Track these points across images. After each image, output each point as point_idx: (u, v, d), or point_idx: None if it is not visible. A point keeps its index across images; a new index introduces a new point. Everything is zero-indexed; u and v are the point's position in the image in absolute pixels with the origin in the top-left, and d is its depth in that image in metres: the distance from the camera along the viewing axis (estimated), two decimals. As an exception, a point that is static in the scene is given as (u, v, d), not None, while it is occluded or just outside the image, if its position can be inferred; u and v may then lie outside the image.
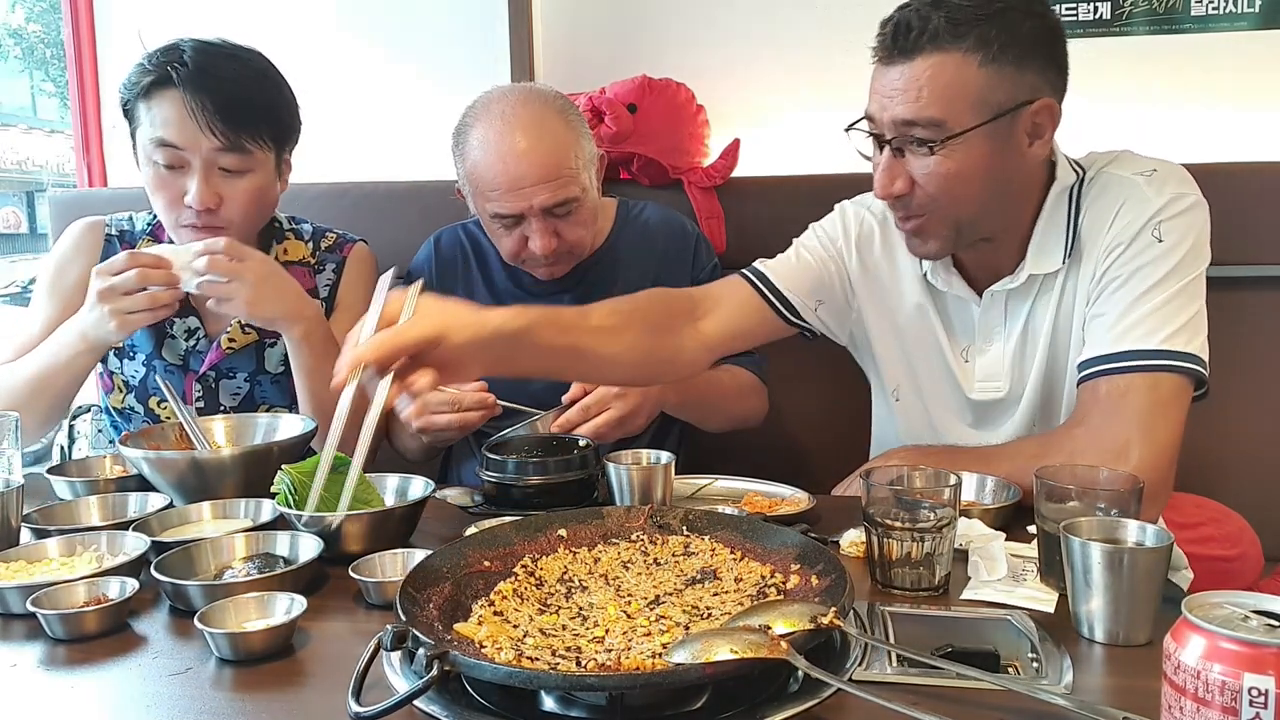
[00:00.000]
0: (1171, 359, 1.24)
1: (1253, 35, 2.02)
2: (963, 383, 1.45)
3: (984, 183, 1.26)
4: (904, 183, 1.27)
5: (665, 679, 0.74)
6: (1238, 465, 1.89)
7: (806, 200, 1.97)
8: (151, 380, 1.64)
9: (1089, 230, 1.32)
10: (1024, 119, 1.24)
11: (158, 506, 1.22)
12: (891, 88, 1.24)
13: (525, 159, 1.53)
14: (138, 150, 1.57)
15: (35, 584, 0.97)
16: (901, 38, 1.22)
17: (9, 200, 17.35)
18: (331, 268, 1.71)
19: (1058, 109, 1.26)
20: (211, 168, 1.52)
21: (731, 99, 2.13)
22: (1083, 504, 1.00)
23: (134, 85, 1.53)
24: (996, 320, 1.40)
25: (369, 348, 1.00)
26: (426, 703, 0.77)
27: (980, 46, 1.20)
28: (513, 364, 1.17)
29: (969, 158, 1.23)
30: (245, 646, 0.88)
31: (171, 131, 1.50)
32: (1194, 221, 1.29)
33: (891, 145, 1.26)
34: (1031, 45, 1.23)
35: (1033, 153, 1.27)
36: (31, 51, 17.61)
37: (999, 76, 1.21)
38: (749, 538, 1.04)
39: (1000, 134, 1.23)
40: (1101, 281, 1.30)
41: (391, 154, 2.30)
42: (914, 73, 1.22)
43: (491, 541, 1.02)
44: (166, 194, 1.54)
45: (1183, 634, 0.65)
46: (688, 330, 1.41)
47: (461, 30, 2.27)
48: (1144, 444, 1.21)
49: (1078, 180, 1.34)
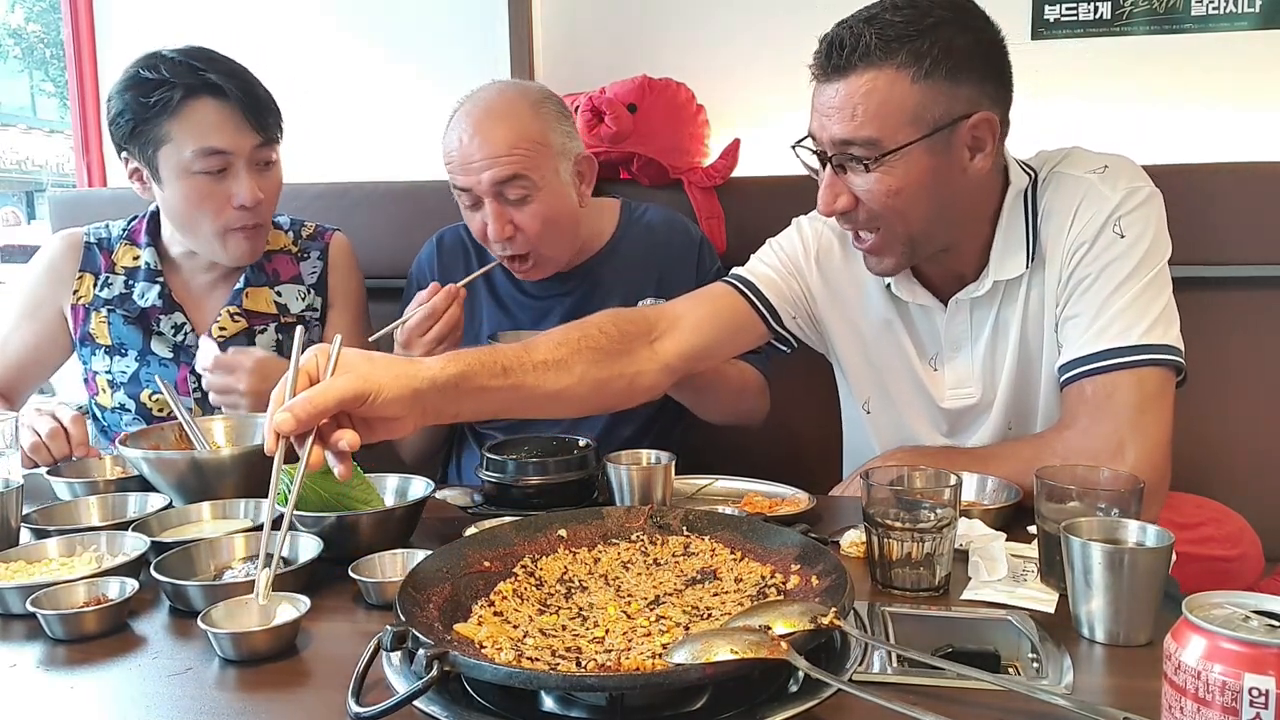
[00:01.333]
0: (1152, 352, 1.24)
1: (1253, 35, 2.02)
2: (933, 391, 1.44)
3: (928, 197, 1.25)
4: (846, 199, 1.27)
5: (665, 679, 0.74)
6: (1238, 465, 1.89)
7: (806, 200, 1.97)
8: (145, 374, 1.66)
9: (1049, 232, 1.32)
10: (962, 133, 1.23)
11: (157, 507, 1.22)
12: (828, 106, 1.23)
13: (479, 135, 1.55)
14: (160, 168, 1.56)
15: (35, 584, 0.97)
16: (835, 55, 1.22)
17: (8, 200, 17.37)
18: (315, 254, 1.76)
19: (998, 121, 1.25)
20: (252, 165, 1.58)
21: (731, 99, 2.13)
22: (1083, 504, 1.00)
23: (155, 105, 1.52)
24: (962, 328, 1.40)
25: (287, 415, 0.94)
26: (426, 703, 0.76)
27: (912, 62, 1.19)
28: (452, 413, 1.14)
29: (908, 173, 1.22)
30: (249, 647, 0.88)
31: (217, 138, 1.53)
32: (1152, 213, 1.29)
33: (833, 163, 1.26)
34: (966, 59, 1.21)
35: (975, 166, 1.25)
36: (31, 51, 17.63)
37: (933, 92, 1.20)
38: (749, 538, 1.04)
39: (938, 149, 1.22)
40: (1069, 283, 1.30)
41: (391, 154, 2.30)
42: (848, 90, 1.21)
43: (491, 542, 1.02)
44: (212, 202, 1.57)
45: (1183, 634, 0.65)
46: (644, 353, 1.35)
47: (461, 30, 2.27)
48: (1138, 442, 1.22)
49: (1030, 182, 1.34)
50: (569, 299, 1.70)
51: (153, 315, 1.67)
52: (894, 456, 1.37)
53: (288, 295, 1.70)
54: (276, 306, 1.70)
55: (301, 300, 1.72)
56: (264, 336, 1.69)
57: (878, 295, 1.45)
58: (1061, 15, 2.09)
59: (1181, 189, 1.67)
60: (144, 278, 1.68)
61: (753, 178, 2.06)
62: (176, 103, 1.52)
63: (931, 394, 1.44)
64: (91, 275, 1.70)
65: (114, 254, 1.70)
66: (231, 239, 1.61)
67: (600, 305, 1.66)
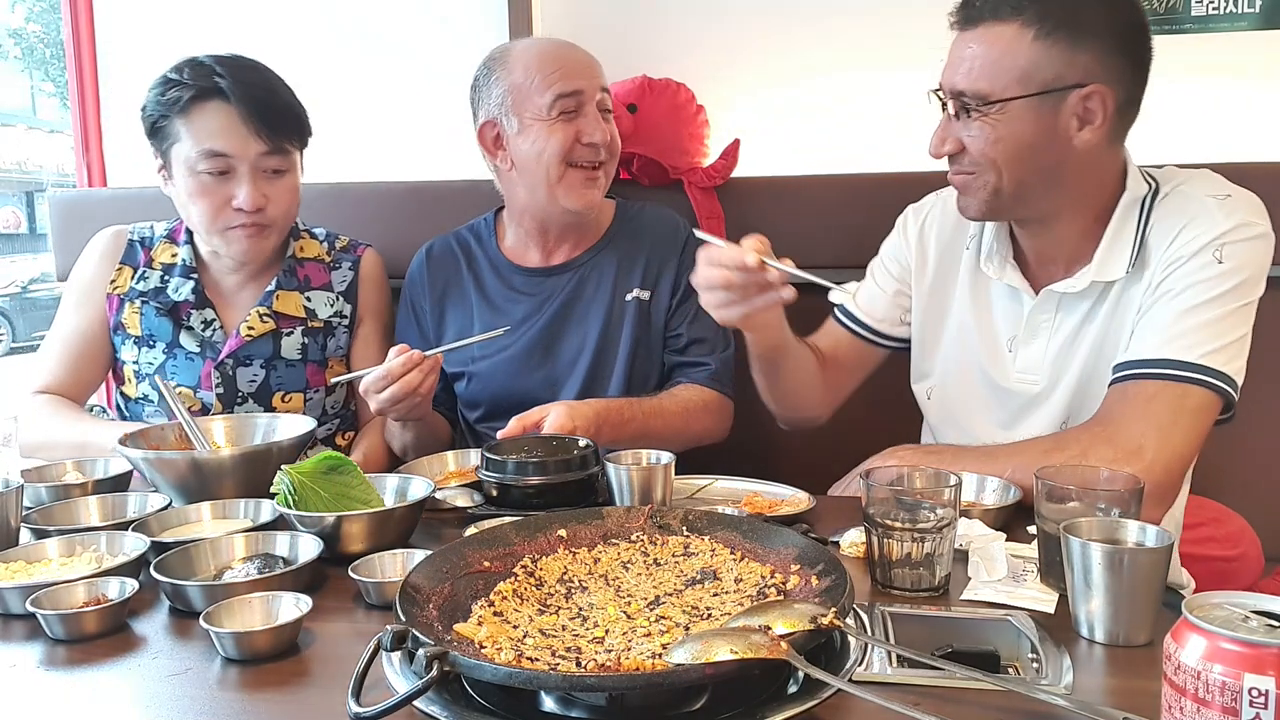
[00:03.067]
0: (1206, 375, 1.24)
1: (1253, 35, 2.03)
2: (1002, 371, 1.44)
3: (1028, 155, 1.28)
4: (952, 144, 1.33)
5: (665, 679, 0.74)
6: (1238, 465, 1.89)
7: (806, 200, 1.98)
8: (171, 366, 1.70)
9: (1154, 243, 1.31)
10: (1072, 101, 1.25)
11: (157, 507, 1.22)
12: (956, 56, 1.30)
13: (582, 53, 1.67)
14: (172, 164, 1.63)
15: (35, 584, 0.97)
16: (969, 7, 1.29)
17: (9, 200, 17.37)
18: (347, 265, 1.80)
19: (1113, 98, 1.26)
20: (257, 171, 1.61)
21: (731, 99, 2.13)
22: (1083, 504, 1.00)
23: (169, 104, 1.59)
24: (1046, 318, 1.40)
25: None
26: (426, 703, 0.76)
27: (1036, 20, 1.23)
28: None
29: (1010, 128, 1.27)
30: (251, 646, 0.88)
31: (220, 141, 1.58)
32: (1258, 250, 1.29)
33: (948, 109, 1.33)
34: (1093, 28, 1.24)
35: (1082, 138, 1.27)
36: (31, 51, 17.63)
37: (1051, 53, 1.24)
38: (749, 538, 1.04)
39: (1045, 110, 1.26)
40: (1156, 291, 1.30)
41: (391, 154, 2.30)
42: (974, 42, 1.28)
43: (491, 542, 1.02)
44: (211, 200, 1.62)
45: (1183, 634, 0.65)
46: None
47: (461, 31, 2.27)
48: (1158, 447, 1.21)
49: (1150, 192, 1.34)
50: (562, 292, 1.71)
51: (184, 309, 1.71)
52: (894, 456, 1.36)
53: (317, 301, 1.74)
54: (305, 310, 1.73)
55: (330, 306, 1.75)
56: (290, 339, 1.72)
57: (968, 271, 1.48)
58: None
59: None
60: (180, 273, 1.73)
61: (753, 178, 2.06)
62: (185, 103, 1.58)
63: (999, 374, 1.44)
64: (130, 268, 1.74)
65: (153, 250, 1.75)
66: (231, 236, 1.64)
67: (591, 297, 1.69)
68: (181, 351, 1.70)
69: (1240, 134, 2.01)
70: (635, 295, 1.72)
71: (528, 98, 1.63)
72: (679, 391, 1.67)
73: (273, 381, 1.71)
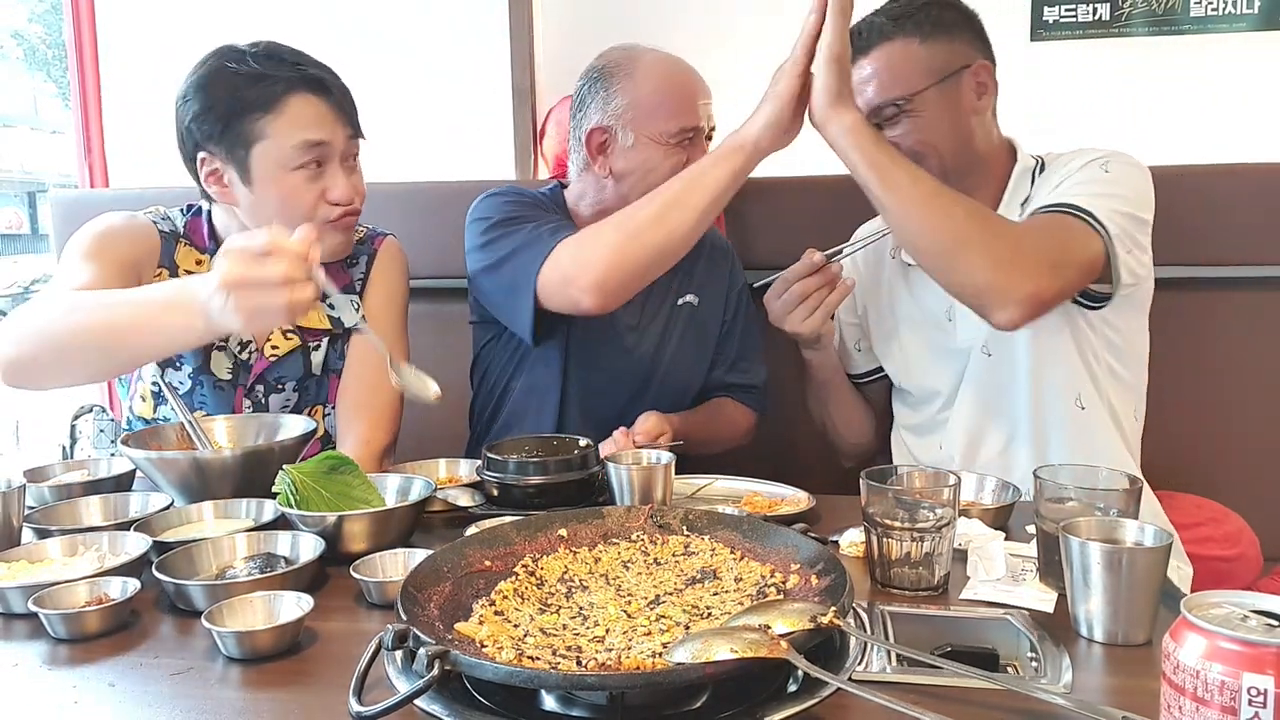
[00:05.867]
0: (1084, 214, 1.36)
1: (1252, 35, 2.03)
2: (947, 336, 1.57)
3: (950, 131, 1.48)
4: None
5: (665, 678, 0.74)
6: (1237, 465, 1.89)
7: (807, 200, 1.99)
8: (198, 394, 1.57)
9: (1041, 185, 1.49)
10: (966, 78, 1.49)
11: (159, 506, 1.23)
12: (861, 81, 1.49)
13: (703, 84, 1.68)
14: (252, 167, 1.48)
15: (37, 584, 0.98)
16: (858, 40, 1.47)
17: (11, 201, 17.37)
18: (364, 259, 1.68)
19: (989, 69, 1.50)
20: (345, 160, 1.55)
21: (734, 99, 2.13)
22: (1082, 504, 1.00)
23: (253, 103, 1.46)
24: None
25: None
26: (427, 702, 0.77)
27: (915, 30, 1.47)
28: None
29: (932, 112, 1.47)
30: (252, 646, 0.88)
31: (318, 130, 1.49)
32: (1140, 175, 1.44)
33: (876, 122, 1.47)
34: (954, 24, 1.49)
35: (981, 106, 1.50)
36: (34, 53, 17.63)
37: (936, 49, 1.47)
38: (749, 538, 1.04)
39: (950, 90, 1.48)
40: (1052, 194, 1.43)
41: (390, 155, 2.30)
42: (874, 64, 1.49)
43: (492, 541, 1.02)
44: (309, 196, 1.50)
45: (1182, 634, 0.65)
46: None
47: (461, 31, 2.27)
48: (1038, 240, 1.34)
49: (1037, 165, 1.54)
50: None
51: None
52: None
53: (341, 307, 1.42)
54: (330, 320, 1.62)
55: (356, 311, 1.61)
56: (318, 354, 1.62)
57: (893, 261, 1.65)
58: (1060, 17, 2.10)
59: (1181, 190, 1.67)
60: None
61: (752, 178, 2.04)
62: (277, 98, 1.47)
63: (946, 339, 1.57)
64: (168, 272, 1.57)
65: (175, 255, 1.59)
66: (327, 232, 1.52)
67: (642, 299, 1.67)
68: (209, 380, 1.57)
69: (1239, 134, 2.01)
70: (687, 300, 1.73)
71: (651, 118, 1.61)
72: (734, 415, 1.78)
73: (304, 403, 1.62)
